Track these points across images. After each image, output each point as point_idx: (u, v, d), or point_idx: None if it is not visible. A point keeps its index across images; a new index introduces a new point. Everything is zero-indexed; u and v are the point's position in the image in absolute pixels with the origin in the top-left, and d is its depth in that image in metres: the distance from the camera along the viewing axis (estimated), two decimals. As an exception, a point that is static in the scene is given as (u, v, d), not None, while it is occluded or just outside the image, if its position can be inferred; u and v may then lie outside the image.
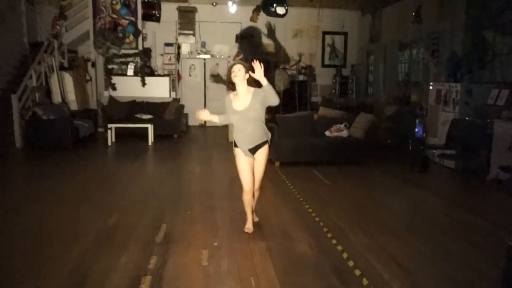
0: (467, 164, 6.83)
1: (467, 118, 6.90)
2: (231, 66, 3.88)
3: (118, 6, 10.77)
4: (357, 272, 3.31)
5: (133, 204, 5.05)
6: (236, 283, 3.13)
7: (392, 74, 10.72)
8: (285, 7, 5.67)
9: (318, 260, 3.54)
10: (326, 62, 13.18)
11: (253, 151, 3.95)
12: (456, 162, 7.02)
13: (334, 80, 12.75)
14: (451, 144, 7.01)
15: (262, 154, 3.99)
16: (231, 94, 3.96)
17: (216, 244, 3.85)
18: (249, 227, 4.16)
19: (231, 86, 3.90)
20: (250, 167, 3.98)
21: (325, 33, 12.91)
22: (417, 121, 7.98)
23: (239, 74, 3.81)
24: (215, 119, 4.00)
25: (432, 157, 7.48)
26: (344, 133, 7.53)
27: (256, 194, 4.25)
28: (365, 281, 3.17)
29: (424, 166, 6.96)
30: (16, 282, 3.10)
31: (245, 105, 3.84)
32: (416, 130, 7.87)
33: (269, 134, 4.07)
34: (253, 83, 3.85)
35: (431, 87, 8.12)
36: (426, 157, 7.09)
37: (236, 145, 3.98)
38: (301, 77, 12.34)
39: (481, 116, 6.74)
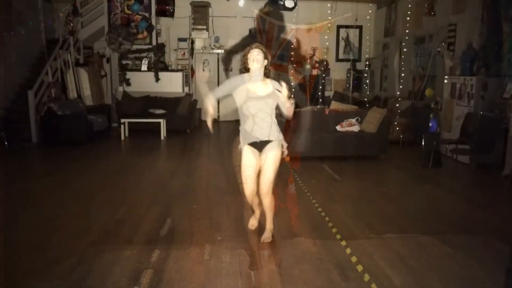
0: (481, 159, 6.68)
1: (481, 112, 6.73)
2: (248, 50, 3.39)
3: (132, 2, 10.87)
4: (360, 268, 3.28)
5: (141, 198, 5.11)
6: (236, 277, 3.14)
7: (407, 68, 10.53)
8: (293, 1, 5.63)
9: (321, 255, 3.51)
10: (341, 56, 13.05)
11: (260, 146, 3.48)
12: (470, 157, 6.87)
13: (348, 75, 12.61)
14: (465, 139, 6.86)
15: (273, 149, 3.47)
16: (247, 75, 3.45)
17: (219, 238, 3.86)
18: (253, 223, 3.98)
19: (245, 72, 3.45)
20: (256, 167, 3.52)
21: (339, 26, 12.77)
22: (431, 115, 7.85)
23: (257, 59, 3.35)
24: (210, 101, 3.44)
25: (445, 152, 7.34)
26: (356, 128, 7.45)
27: (266, 201, 3.63)
28: (366, 277, 3.14)
29: (437, 162, 6.83)
30: (23, 272, 3.19)
31: (267, 91, 3.38)
32: (430, 124, 7.74)
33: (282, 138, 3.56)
34: (270, 73, 3.46)
35: (446, 81, 7.95)
36: (439, 152, 6.95)
37: (241, 141, 3.56)
38: (314, 72, 12.24)
39: (497, 110, 6.56)
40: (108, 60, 11.38)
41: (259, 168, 3.54)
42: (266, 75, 3.45)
